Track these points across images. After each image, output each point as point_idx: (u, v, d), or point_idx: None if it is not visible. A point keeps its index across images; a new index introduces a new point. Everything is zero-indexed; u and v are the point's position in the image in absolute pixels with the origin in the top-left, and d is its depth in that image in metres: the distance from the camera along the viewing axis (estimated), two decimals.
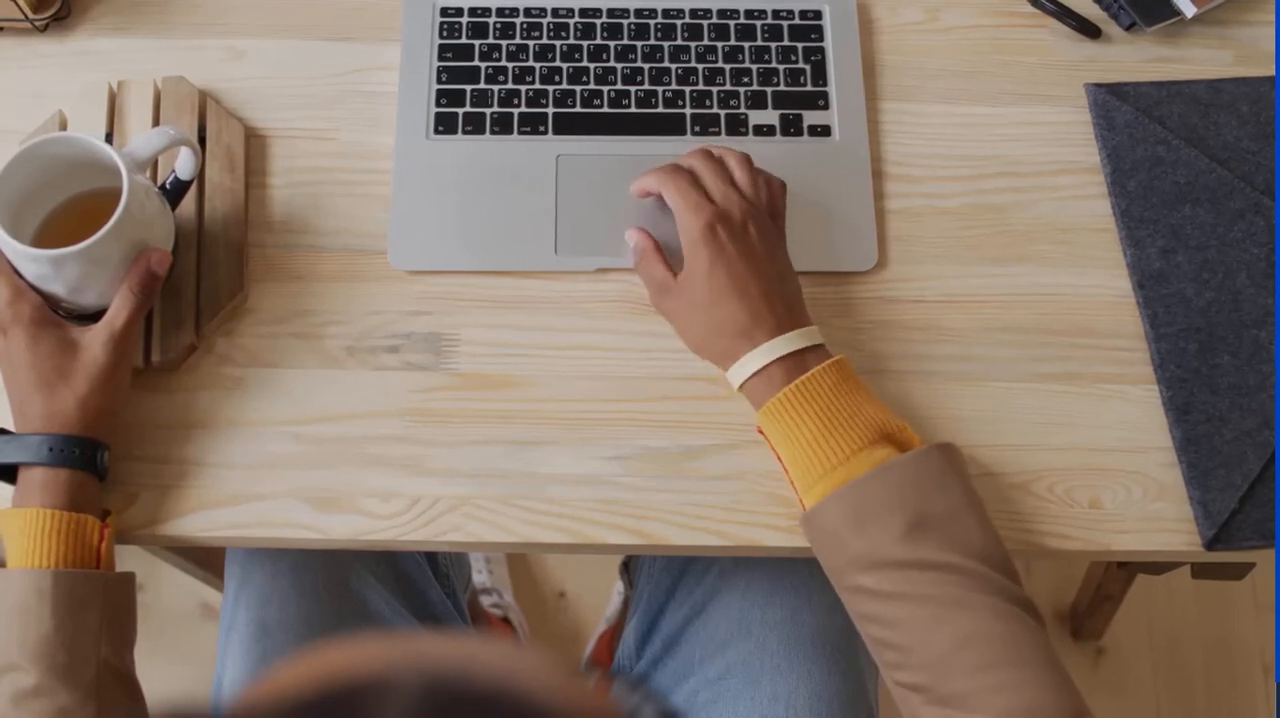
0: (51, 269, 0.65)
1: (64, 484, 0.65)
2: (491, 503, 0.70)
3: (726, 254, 0.68)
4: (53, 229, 0.70)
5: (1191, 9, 0.83)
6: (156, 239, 0.70)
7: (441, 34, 0.82)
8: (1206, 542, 0.69)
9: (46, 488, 0.64)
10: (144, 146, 0.70)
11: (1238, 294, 0.75)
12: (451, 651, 0.32)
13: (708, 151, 0.72)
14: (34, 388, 0.65)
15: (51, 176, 0.69)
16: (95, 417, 0.66)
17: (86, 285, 0.67)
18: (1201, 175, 0.78)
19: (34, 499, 0.64)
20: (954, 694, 0.58)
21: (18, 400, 0.66)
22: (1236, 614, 1.41)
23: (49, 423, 0.65)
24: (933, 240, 0.78)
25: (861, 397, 0.66)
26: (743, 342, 0.67)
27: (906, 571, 0.61)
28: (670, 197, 0.70)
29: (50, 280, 0.66)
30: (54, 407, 0.65)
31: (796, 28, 0.83)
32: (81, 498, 0.65)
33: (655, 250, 0.73)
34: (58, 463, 0.64)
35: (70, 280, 0.66)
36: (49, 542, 0.63)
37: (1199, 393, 0.72)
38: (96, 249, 0.65)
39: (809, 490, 0.65)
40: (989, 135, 0.81)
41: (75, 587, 0.63)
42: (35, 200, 0.69)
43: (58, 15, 0.82)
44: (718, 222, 0.68)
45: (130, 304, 0.67)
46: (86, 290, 0.67)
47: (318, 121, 0.81)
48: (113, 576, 0.66)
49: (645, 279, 0.73)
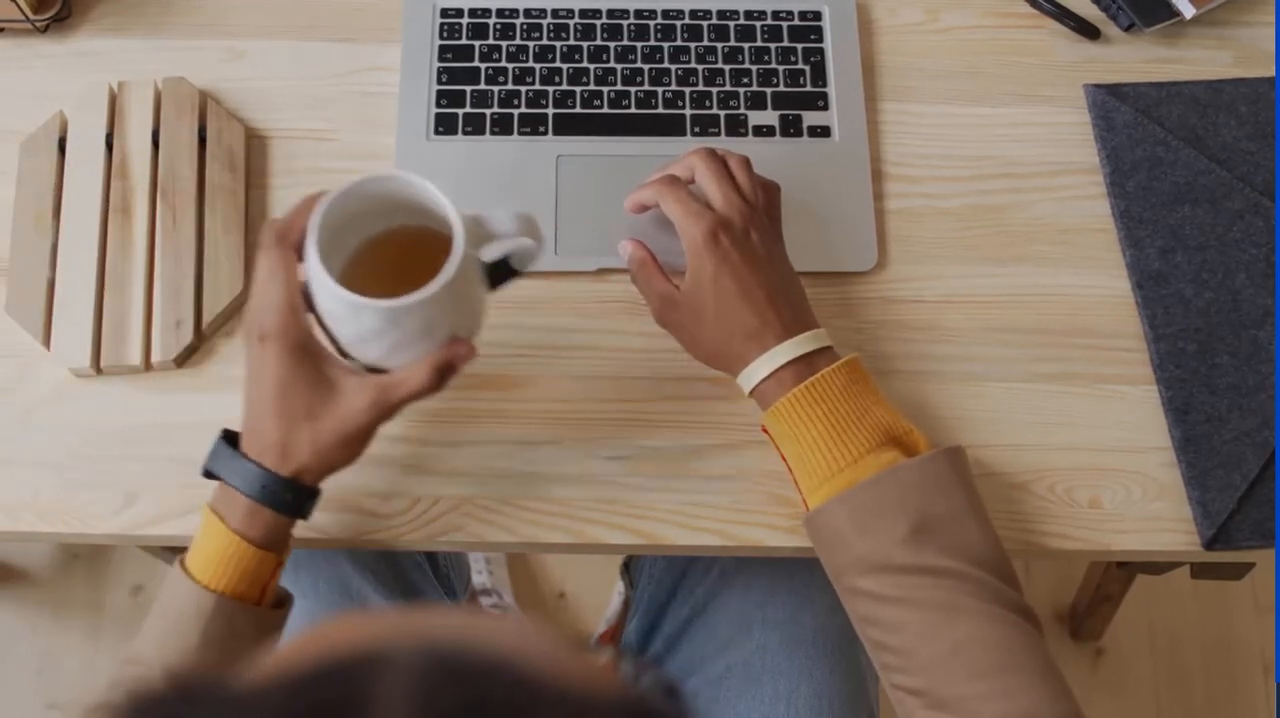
0: (348, 312, 0.58)
1: (266, 522, 0.61)
2: (492, 503, 0.71)
3: (731, 260, 0.67)
4: (362, 260, 0.63)
5: (1190, 10, 0.83)
6: (467, 320, 0.62)
7: (442, 35, 0.82)
8: (1205, 542, 0.70)
9: (248, 517, 0.60)
10: (490, 219, 0.61)
11: (1237, 294, 0.75)
12: (451, 623, 0.31)
13: (711, 151, 0.72)
14: (275, 413, 0.59)
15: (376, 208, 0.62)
16: (323, 468, 0.61)
17: (374, 340, 0.59)
18: (1200, 176, 0.78)
19: (234, 519, 0.61)
20: (951, 699, 0.58)
21: (253, 416, 0.61)
22: (1236, 614, 1.41)
23: (276, 455, 0.60)
24: (932, 241, 0.78)
25: (870, 399, 0.66)
26: (753, 346, 0.67)
27: (908, 575, 0.61)
28: (669, 207, 0.69)
29: (341, 321, 0.59)
30: (287, 440, 0.59)
31: (796, 28, 0.83)
32: (275, 537, 0.62)
33: (653, 262, 0.71)
34: (266, 503, 0.60)
35: (361, 331, 0.59)
36: (228, 567, 0.60)
37: (1198, 393, 0.72)
38: (408, 310, 0.57)
39: (814, 492, 0.65)
40: (988, 136, 0.81)
41: (234, 618, 0.61)
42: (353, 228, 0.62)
43: (58, 16, 0.82)
44: (720, 228, 0.67)
45: (419, 382, 0.59)
46: (370, 345, 0.60)
47: (318, 122, 0.81)
48: (270, 613, 0.64)
49: (646, 293, 0.71)
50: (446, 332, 0.60)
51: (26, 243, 0.75)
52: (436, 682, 0.27)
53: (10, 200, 0.76)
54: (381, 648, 0.29)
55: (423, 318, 0.58)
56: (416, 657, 0.28)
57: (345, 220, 0.61)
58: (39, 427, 0.72)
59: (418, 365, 0.59)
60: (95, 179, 0.76)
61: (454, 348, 0.60)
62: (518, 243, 0.64)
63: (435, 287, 0.57)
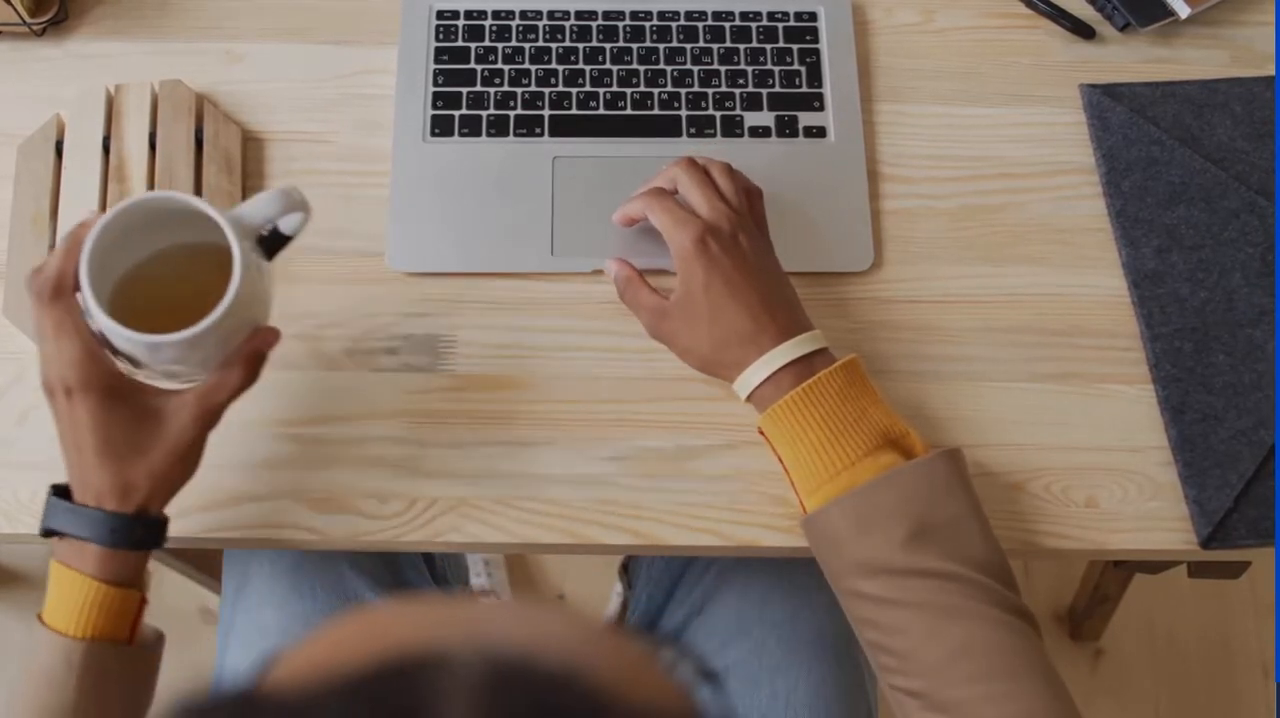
0: (146, 351, 0.59)
1: (119, 562, 0.60)
2: (489, 504, 0.71)
3: (721, 266, 0.67)
4: (137, 287, 0.62)
5: (1185, 10, 0.83)
6: (259, 315, 0.63)
7: (438, 37, 0.82)
8: (1202, 540, 0.70)
9: (102, 562, 0.59)
10: (255, 211, 0.61)
11: (1232, 294, 0.75)
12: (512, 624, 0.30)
13: (692, 160, 0.72)
14: (102, 459, 0.59)
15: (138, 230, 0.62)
16: (166, 492, 0.61)
17: (179, 361, 0.60)
18: (1196, 175, 0.78)
19: (87, 566, 0.59)
20: (949, 702, 0.58)
21: (81, 467, 0.59)
22: (1236, 615, 1.41)
23: (115, 498, 0.59)
24: (928, 241, 0.78)
25: (868, 401, 0.66)
26: (750, 350, 0.67)
27: (906, 578, 0.61)
28: (656, 217, 0.69)
29: (142, 356, 0.60)
30: (122, 481, 0.59)
31: (792, 29, 0.83)
32: (134, 573, 0.61)
33: (639, 278, 0.72)
34: (119, 545, 0.60)
35: (162, 359, 0.59)
36: (90, 613, 0.59)
37: (1194, 392, 0.72)
38: (198, 336, 0.58)
39: (811, 495, 0.65)
40: (984, 136, 0.81)
41: (105, 661, 0.60)
42: (119, 252, 0.62)
43: (55, 19, 0.83)
44: (708, 234, 0.67)
45: (234, 383, 0.61)
46: (179, 366, 0.60)
47: (315, 124, 0.81)
48: (141, 652, 0.63)
49: (635, 308, 0.72)
50: (247, 329, 0.61)
51: (24, 245, 0.75)
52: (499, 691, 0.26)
53: (8, 203, 0.77)
54: (438, 650, 0.27)
55: (220, 331, 0.59)
56: (477, 662, 0.27)
57: (115, 249, 0.60)
58: (36, 429, 0.72)
59: (230, 366, 0.60)
60: (92, 182, 0.76)
61: (257, 339, 0.61)
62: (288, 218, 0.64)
63: (225, 303, 0.58)
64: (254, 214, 0.61)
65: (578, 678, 0.27)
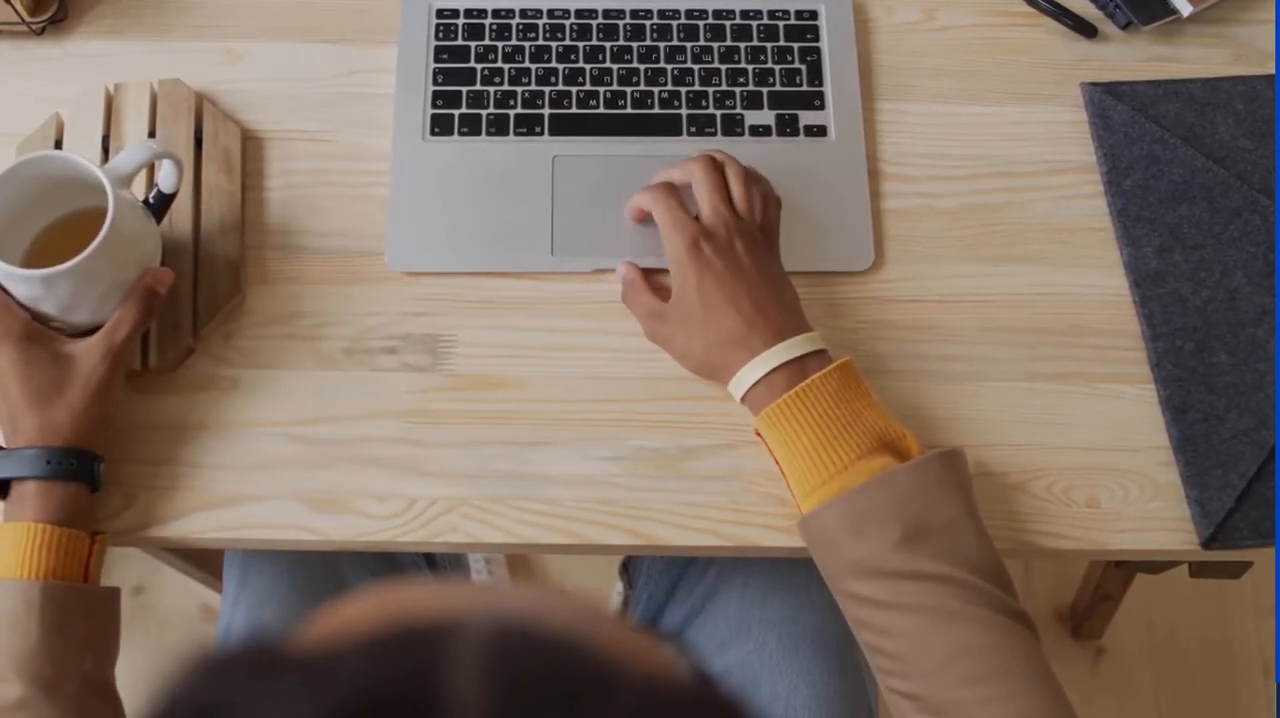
0: (43, 289, 0.66)
1: (58, 498, 0.64)
2: (489, 504, 0.70)
3: (713, 268, 0.67)
4: (44, 249, 0.70)
5: (1187, 8, 0.83)
6: (145, 253, 0.70)
7: (437, 36, 0.82)
8: (1203, 540, 0.69)
9: (40, 501, 0.64)
10: (126, 162, 0.70)
11: (1234, 293, 0.75)
12: (521, 599, 0.32)
13: (710, 158, 0.72)
14: (26, 402, 0.65)
15: (39, 196, 0.69)
16: (89, 428, 0.66)
17: (78, 304, 0.67)
18: (1198, 174, 0.78)
19: (27, 513, 0.64)
20: (947, 705, 0.58)
21: (8, 416, 0.65)
22: (1236, 615, 1.41)
23: (43, 436, 0.64)
24: (929, 240, 0.78)
25: (862, 403, 0.66)
26: (741, 352, 0.67)
27: (902, 581, 0.61)
28: (658, 216, 0.70)
29: (41, 300, 0.66)
30: (48, 420, 0.64)
31: (792, 28, 0.83)
32: (74, 512, 0.65)
33: (641, 281, 0.73)
34: (53, 476, 0.64)
35: (61, 299, 0.66)
36: (39, 555, 0.63)
37: (1196, 392, 0.72)
38: (85, 266, 0.65)
39: (806, 497, 0.65)
40: (985, 135, 0.81)
41: (64, 599, 0.63)
42: (23, 220, 0.69)
43: (55, 18, 0.82)
44: (701, 238, 0.68)
45: (132, 318, 0.67)
46: (78, 309, 0.67)
47: (315, 124, 0.81)
48: (100, 590, 0.66)
49: (635, 311, 0.73)
50: (136, 269, 0.69)
51: None
52: (508, 654, 0.27)
53: None
54: (452, 618, 0.29)
55: (108, 263, 0.66)
56: (488, 628, 0.28)
57: (15, 215, 0.68)
58: None
59: (125, 304, 0.67)
60: None
61: (148, 277, 0.68)
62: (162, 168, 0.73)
63: (103, 233, 0.65)
64: (123, 162, 0.69)
65: (582, 643, 0.28)
